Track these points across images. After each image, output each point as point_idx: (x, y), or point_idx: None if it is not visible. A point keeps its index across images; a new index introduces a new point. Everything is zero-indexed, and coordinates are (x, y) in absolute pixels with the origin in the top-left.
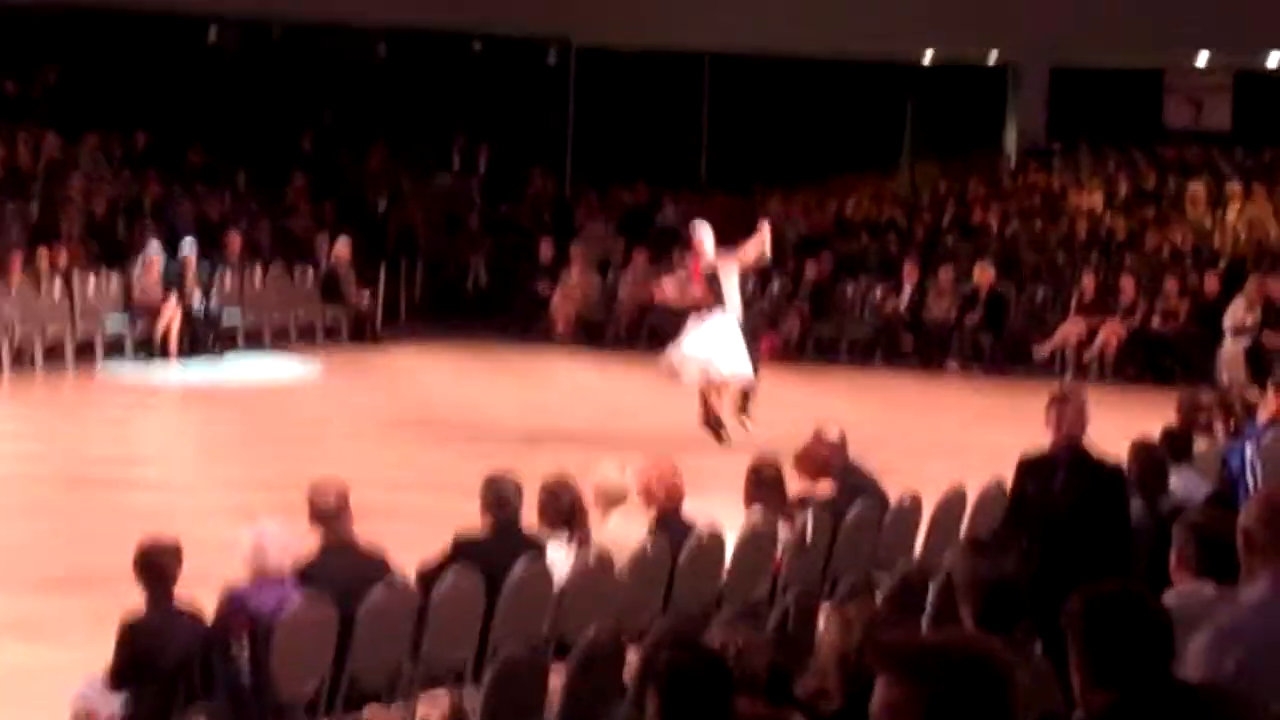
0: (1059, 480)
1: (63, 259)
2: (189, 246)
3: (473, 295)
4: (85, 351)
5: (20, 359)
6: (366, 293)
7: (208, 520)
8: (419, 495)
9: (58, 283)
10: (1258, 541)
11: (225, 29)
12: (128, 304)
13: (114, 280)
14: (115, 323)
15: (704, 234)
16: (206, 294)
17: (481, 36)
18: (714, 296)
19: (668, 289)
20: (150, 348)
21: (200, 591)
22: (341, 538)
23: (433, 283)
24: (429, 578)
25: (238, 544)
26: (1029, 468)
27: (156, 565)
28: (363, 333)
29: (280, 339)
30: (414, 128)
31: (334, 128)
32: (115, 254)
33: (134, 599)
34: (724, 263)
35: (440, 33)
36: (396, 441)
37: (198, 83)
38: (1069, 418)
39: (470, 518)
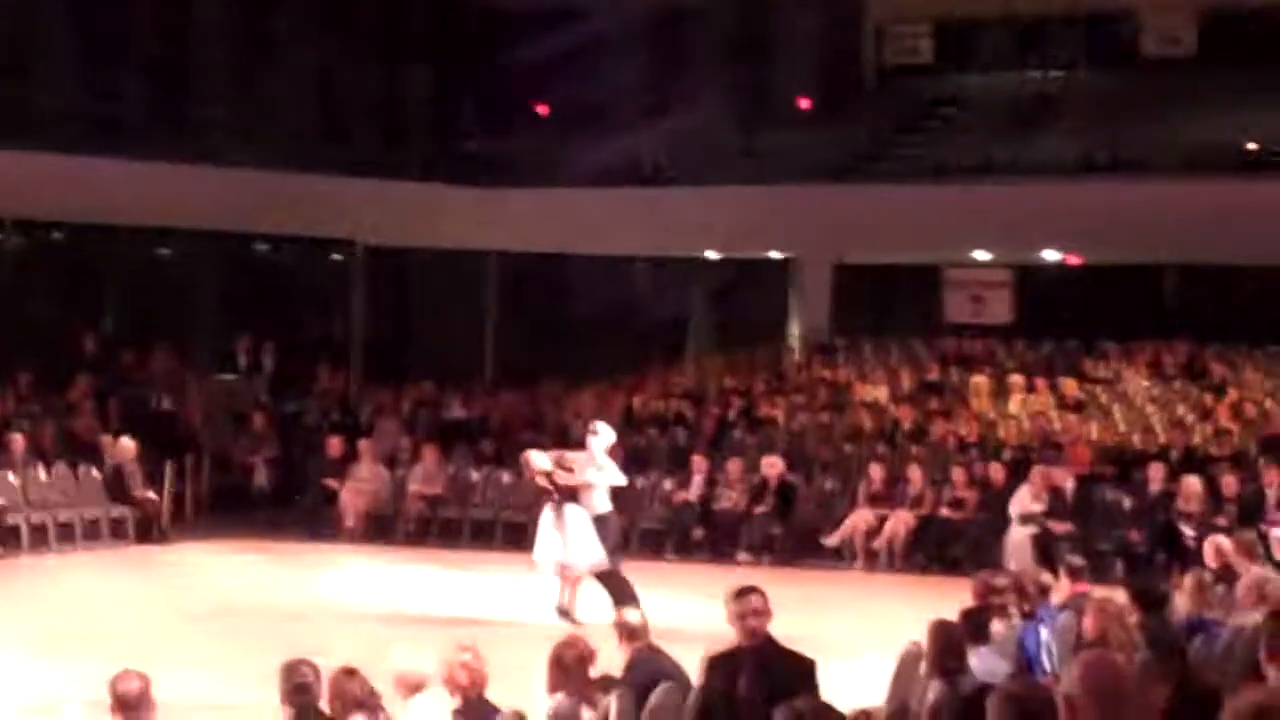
0: (746, 676)
1: None
2: None
3: (260, 493)
4: None
5: None
6: (152, 492)
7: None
8: (218, 687)
9: None
10: (1080, 706)
11: (8, 228)
12: None
13: None
14: None
15: (604, 437)
16: None
17: (267, 237)
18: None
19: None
20: None
21: None
22: None
23: (219, 481)
24: None
25: None
26: (715, 664)
27: None
28: (149, 531)
29: (65, 538)
30: (198, 327)
31: (117, 328)
32: None
33: None
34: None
35: (224, 234)
36: (191, 636)
37: None
38: (754, 610)
39: (269, 712)
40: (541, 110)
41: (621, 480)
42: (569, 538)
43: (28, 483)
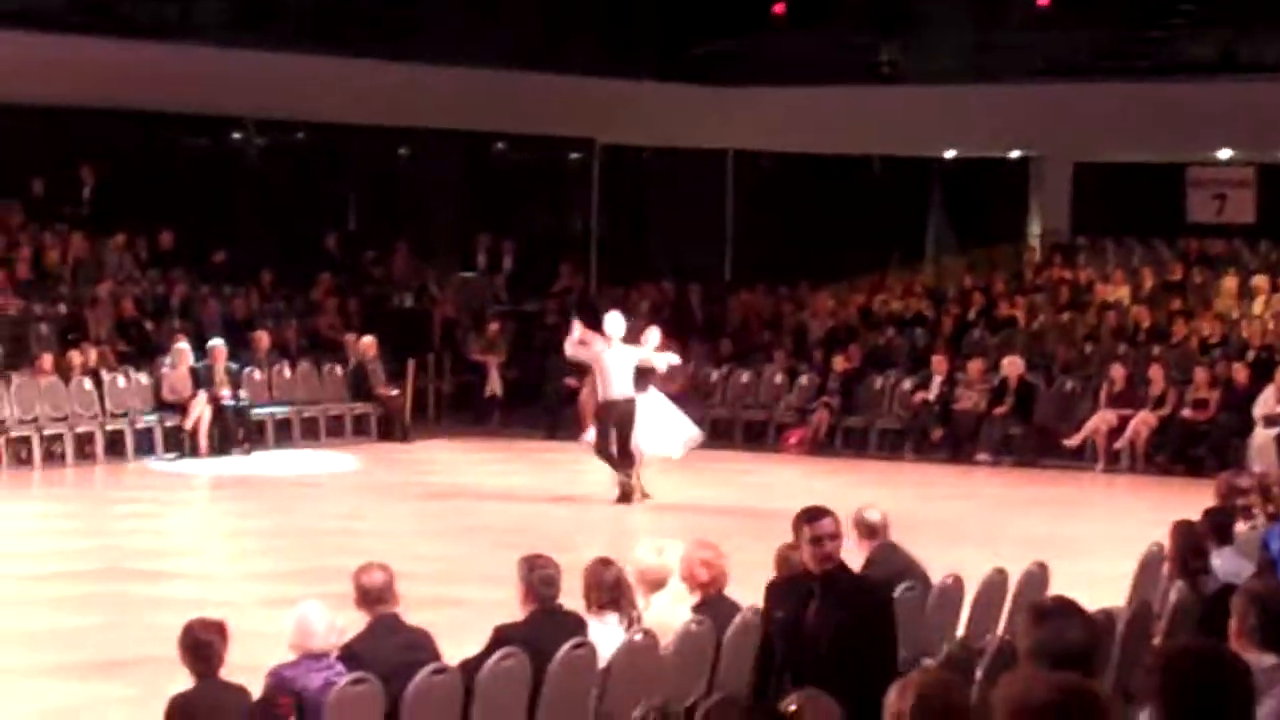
0: (816, 605)
1: (92, 358)
2: (217, 344)
3: (500, 391)
4: (115, 448)
5: (51, 456)
6: (395, 389)
7: (244, 611)
8: (453, 587)
9: (87, 381)
10: None
11: (250, 129)
12: (157, 401)
13: (143, 378)
14: (145, 419)
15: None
16: (235, 390)
17: (505, 136)
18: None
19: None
20: (180, 443)
21: (239, 680)
22: (387, 619)
23: (460, 379)
24: (473, 665)
25: (273, 633)
26: (781, 591)
27: (203, 644)
28: (391, 428)
29: (309, 434)
30: (438, 226)
31: (359, 227)
32: (144, 352)
33: (172, 686)
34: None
35: (463, 134)
36: (428, 534)
37: (223, 183)
38: (827, 534)
39: (506, 606)
40: (778, 9)
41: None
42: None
43: (272, 380)
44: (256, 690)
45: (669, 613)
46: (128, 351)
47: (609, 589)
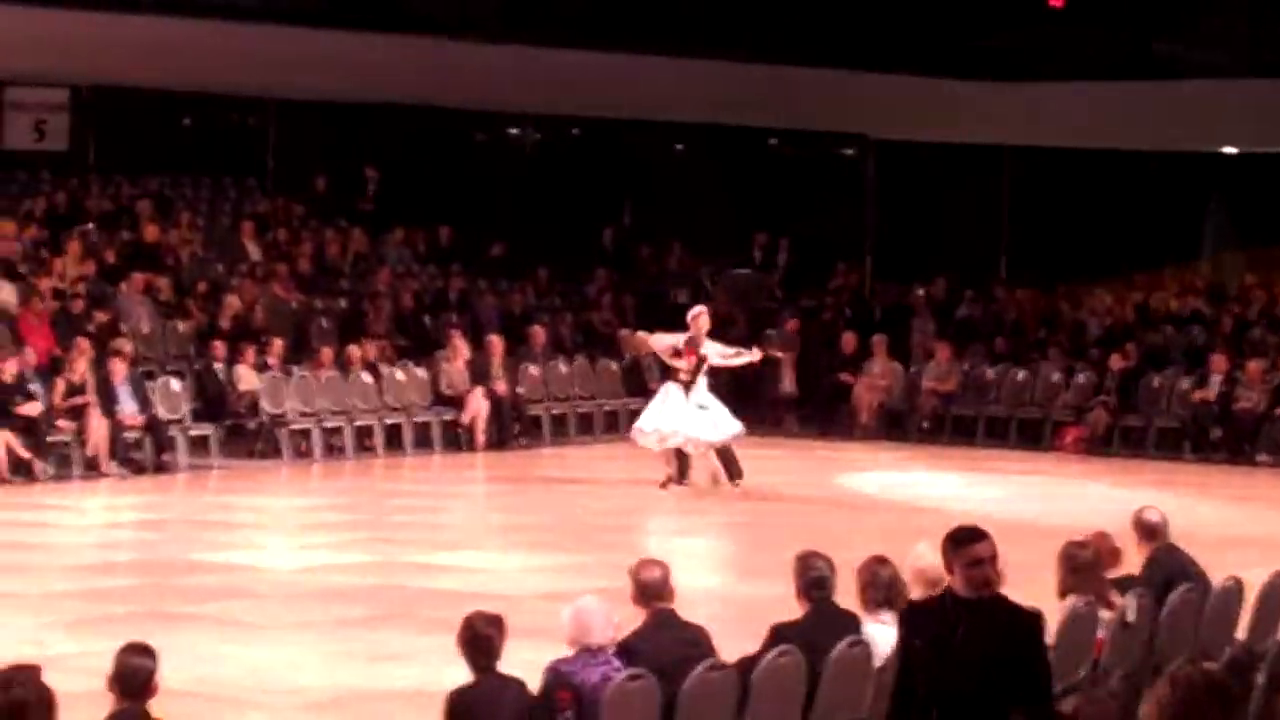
0: (963, 630)
1: (371, 352)
2: (494, 338)
3: (793, 389)
4: (393, 441)
5: (330, 449)
6: None
7: (521, 605)
8: (729, 583)
9: (366, 375)
10: None
11: (526, 125)
12: (434, 395)
13: (421, 372)
14: (422, 413)
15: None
16: (512, 385)
17: (779, 132)
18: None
19: (658, 343)
20: (456, 438)
21: (516, 674)
22: (665, 614)
23: (735, 375)
24: (749, 662)
25: (551, 628)
26: (922, 615)
27: (482, 637)
28: None
29: (585, 429)
30: (713, 222)
31: (634, 223)
32: (421, 347)
33: (448, 679)
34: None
35: (736, 127)
36: (704, 530)
37: (499, 178)
38: (977, 558)
39: (782, 604)
40: (1055, 2)
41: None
42: (713, 412)
43: (548, 374)
44: (534, 684)
45: None
46: (406, 345)
47: (884, 587)
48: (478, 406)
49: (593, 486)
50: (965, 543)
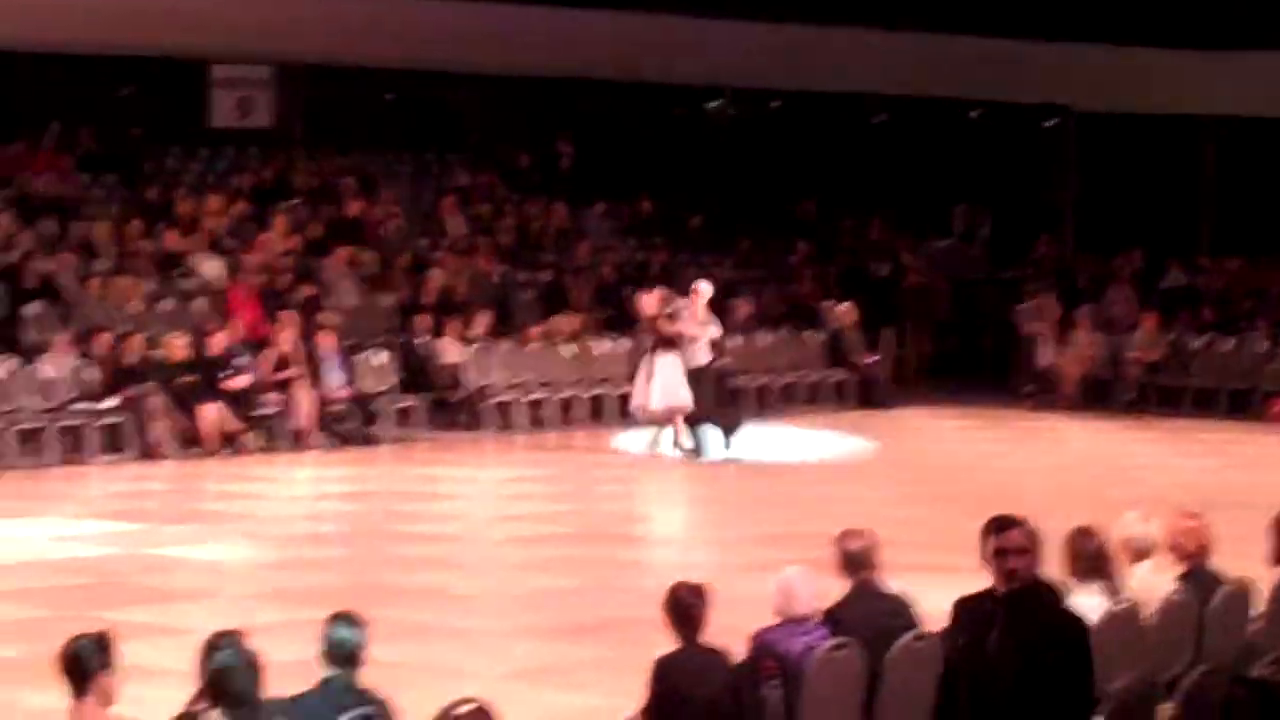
0: (998, 629)
1: (574, 324)
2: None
3: (979, 357)
4: (597, 414)
5: (535, 421)
6: (873, 356)
7: (723, 576)
8: (932, 554)
9: (570, 348)
10: None
11: (726, 97)
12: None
13: (624, 344)
14: (626, 385)
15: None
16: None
17: (980, 103)
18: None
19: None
20: None
21: (721, 641)
22: (870, 584)
23: (937, 347)
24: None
25: (753, 598)
26: (965, 611)
27: (686, 607)
28: (870, 396)
29: (788, 401)
30: (913, 194)
31: (834, 195)
32: (624, 319)
33: (648, 650)
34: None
35: (937, 99)
36: (905, 501)
37: (700, 150)
38: (1015, 547)
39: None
40: None
41: (719, 332)
42: (658, 382)
43: (751, 346)
44: (738, 654)
45: (1152, 582)
46: (608, 318)
47: (1090, 558)
48: None
49: (795, 456)
50: (992, 531)
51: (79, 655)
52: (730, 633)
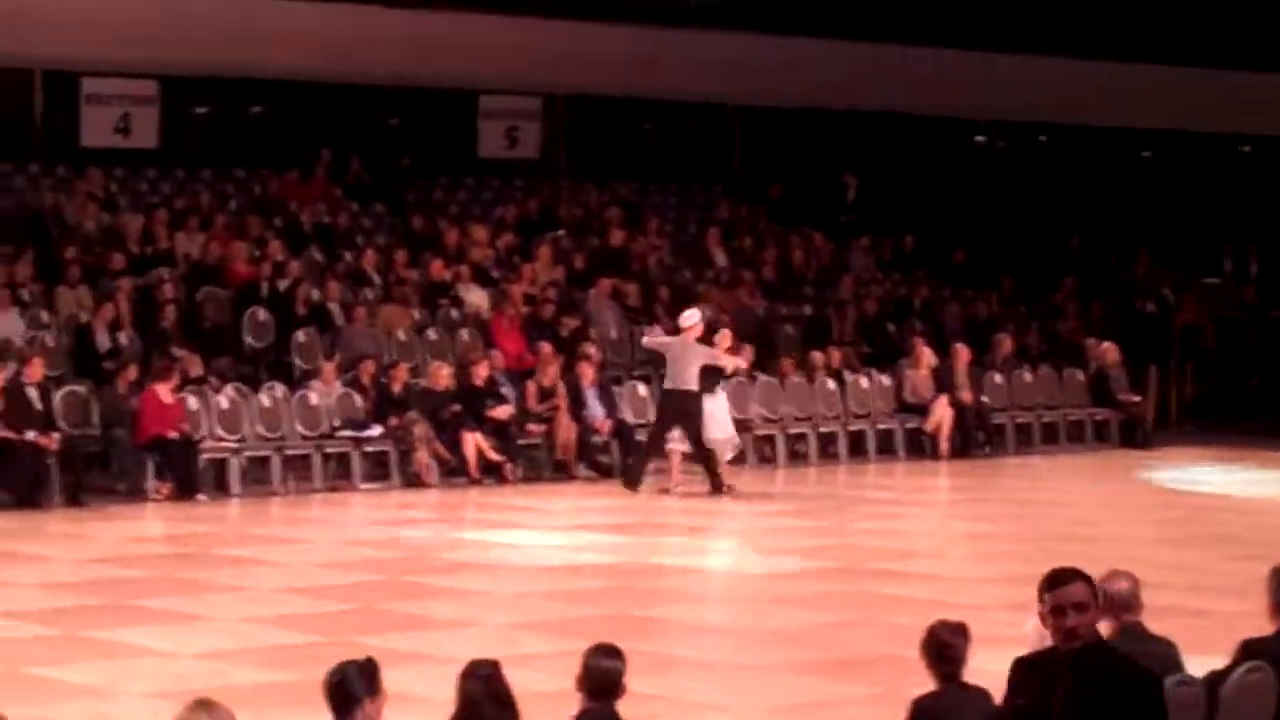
0: (1063, 691)
1: (835, 358)
2: (959, 346)
3: (1247, 398)
4: (857, 448)
5: (794, 455)
6: (1137, 395)
7: (984, 614)
8: (1197, 597)
9: (830, 382)
10: None
11: (993, 132)
12: (898, 402)
13: (885, 379)
14: (886, 420)
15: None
16: (976, 393)
17: (1251, 138)
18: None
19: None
20: (920, 445)
21: (980, 683)
22: (1133, 627)
23: (1205, 386)
24: (1218, 678)
25: (1014, 636)
26: (1026, 671)
27: (945, 646)
28: (1133, 435)
29: (1049, 439)
30: (1181, 230)
31: (1101, 230)
32: (885, 353)
33: (911, 687)
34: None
35: (1207, 135)
36: (1170, 542)
37: (965, 185)
38: (1073, 603)
39: (1252, 619)
40: None
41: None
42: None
43: (1013, 383)
44: (997, 695)
45: None
46: (870, 352)
47: None
48: (942, 414)
49: (1056, 495)
50: (1050, 585)
51: (344, 682)
52: (988, 676)
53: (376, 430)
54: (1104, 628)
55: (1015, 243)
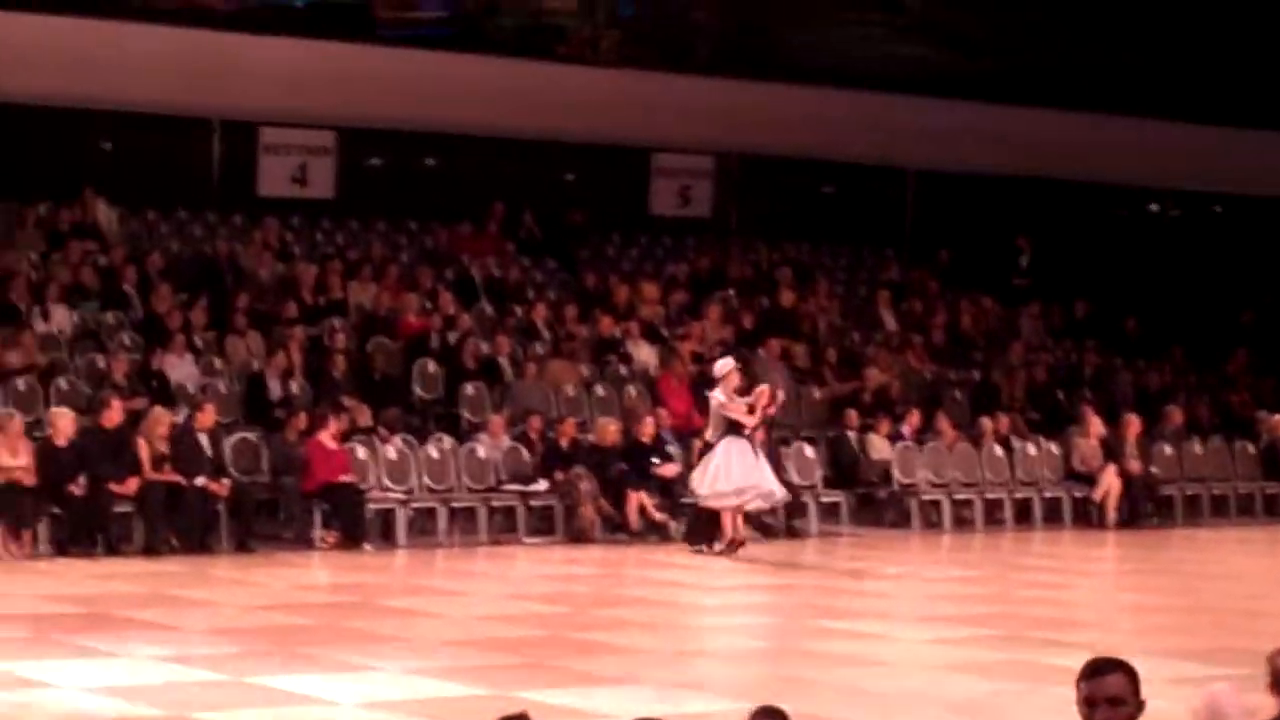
0: None
1: (1003, 424)
2: (1130, 416)
3: None
4: (1023, 515)
5: (960, 521)
6: None
7: (1146, 686)
8: None
9: (997, 448)
10: None
11: (1167, 200)
12: (1066, 471)
13: (1053, 447)
14: (1053, 488)
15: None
16: (1145, 464)
17: None
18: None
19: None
20: (1087, 514)
21: None
22: None
23: None
24: None
25: (1178, 713)
26: None
27: None
28: None
29: (1218, 511)
30: None
31: (1276, 304)
32: (1054, 421)
33: None
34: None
35: None
36: None
37: (1138, 253)
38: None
39: None
40: None
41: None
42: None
43: (1183, 455)
44: None
45: None
46: (1038, 420)
47: None
48: (1110, 483)
49: (1226, 568)
50: (1086, 674)
51: None
52: None
53: (542, 485)
54: (1270, 706)
55: (1187, 313)
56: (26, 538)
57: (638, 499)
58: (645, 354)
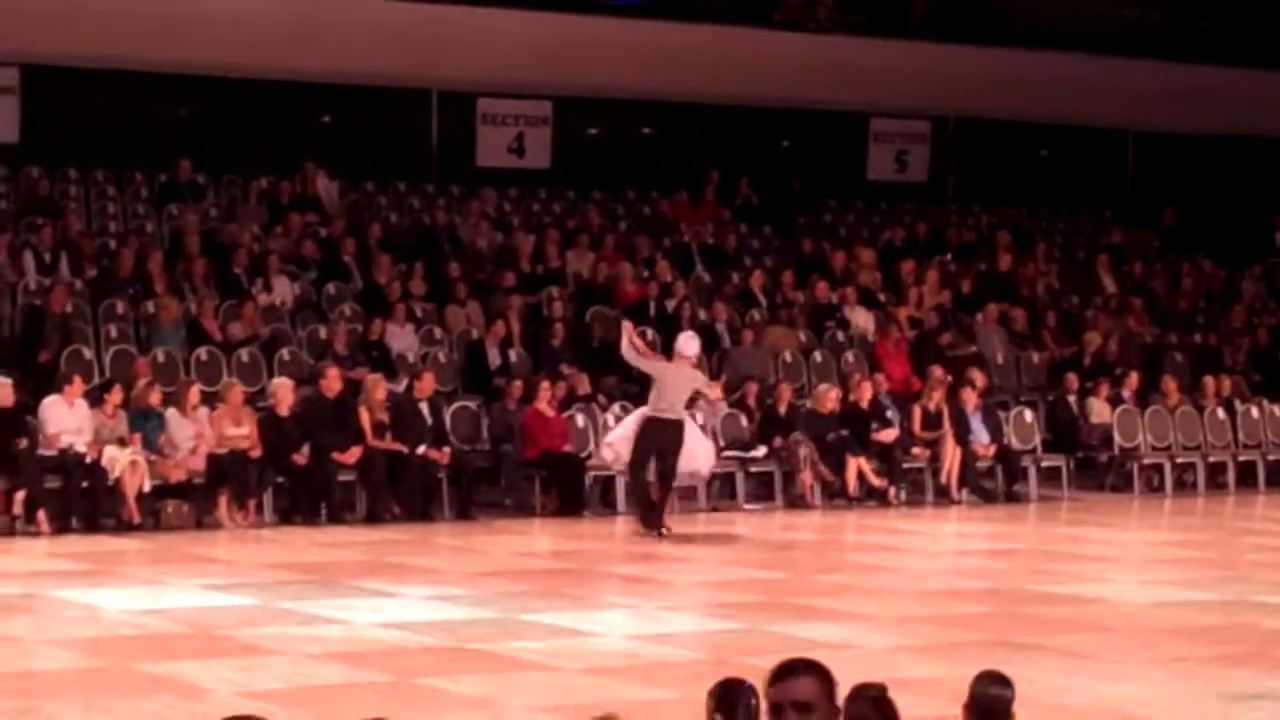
0: None
1: (1225, 387)
2: None
3: None
4: (1247, 478)
5: (1182, 484)
6: None
7: None
8: None
9: (1220, 411)
10: None
11: None
12: None
13: (1276, 409)
14: (1277, 451)
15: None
16: None
17: None
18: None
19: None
20: None
21: None
22: None
23: None
24: None
25: None
26: None
27: None
28: None
29: None
30: None
31: None
32: (1277, 384)
33: None
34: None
35: None
36: None
37: None
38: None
39: None
40: None
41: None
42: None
43: None
44: None
45: None
46: (1261, 382)
47: None
48: None
49: None
50: (771, 679)
51: (727, 696)
52: None
53: (761, 451)
54: None
55: None
56: (251, 506)
57: (856, 464)
58: (862, 319)
